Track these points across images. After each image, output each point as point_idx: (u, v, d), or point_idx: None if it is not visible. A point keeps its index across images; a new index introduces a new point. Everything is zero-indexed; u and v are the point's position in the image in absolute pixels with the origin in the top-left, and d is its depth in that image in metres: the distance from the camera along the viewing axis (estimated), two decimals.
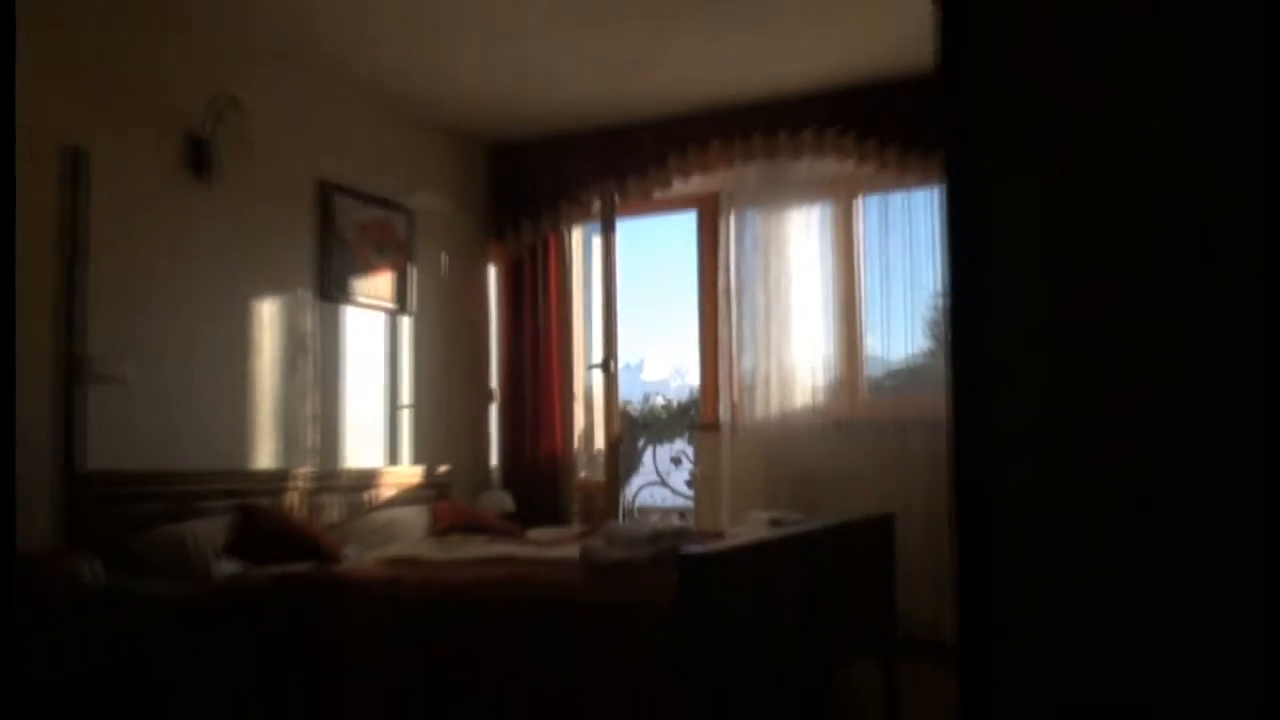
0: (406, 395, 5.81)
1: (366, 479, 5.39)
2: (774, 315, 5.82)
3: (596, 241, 6.26)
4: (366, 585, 3.48)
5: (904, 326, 5.69)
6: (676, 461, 6.72)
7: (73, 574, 3.41)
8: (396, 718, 3.20)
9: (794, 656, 3.45)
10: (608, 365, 6.06)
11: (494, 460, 6.40)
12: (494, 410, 6.43)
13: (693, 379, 6.37)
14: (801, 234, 5.84)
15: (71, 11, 4.05)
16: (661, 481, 6.76)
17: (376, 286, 5.58)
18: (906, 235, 5.61)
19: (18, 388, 3.78)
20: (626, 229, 6.32)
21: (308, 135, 5.18)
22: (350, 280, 5.39)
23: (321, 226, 5.24)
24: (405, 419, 5.80)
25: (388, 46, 4.96)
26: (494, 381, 6.44)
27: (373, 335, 5.59)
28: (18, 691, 3.16)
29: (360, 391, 5.48)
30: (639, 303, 6.53)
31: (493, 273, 6.50)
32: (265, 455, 4.88)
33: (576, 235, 6.45)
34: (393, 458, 5.69)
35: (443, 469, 5.96)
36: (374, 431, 5.58)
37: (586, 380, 6.38)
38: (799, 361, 5.76)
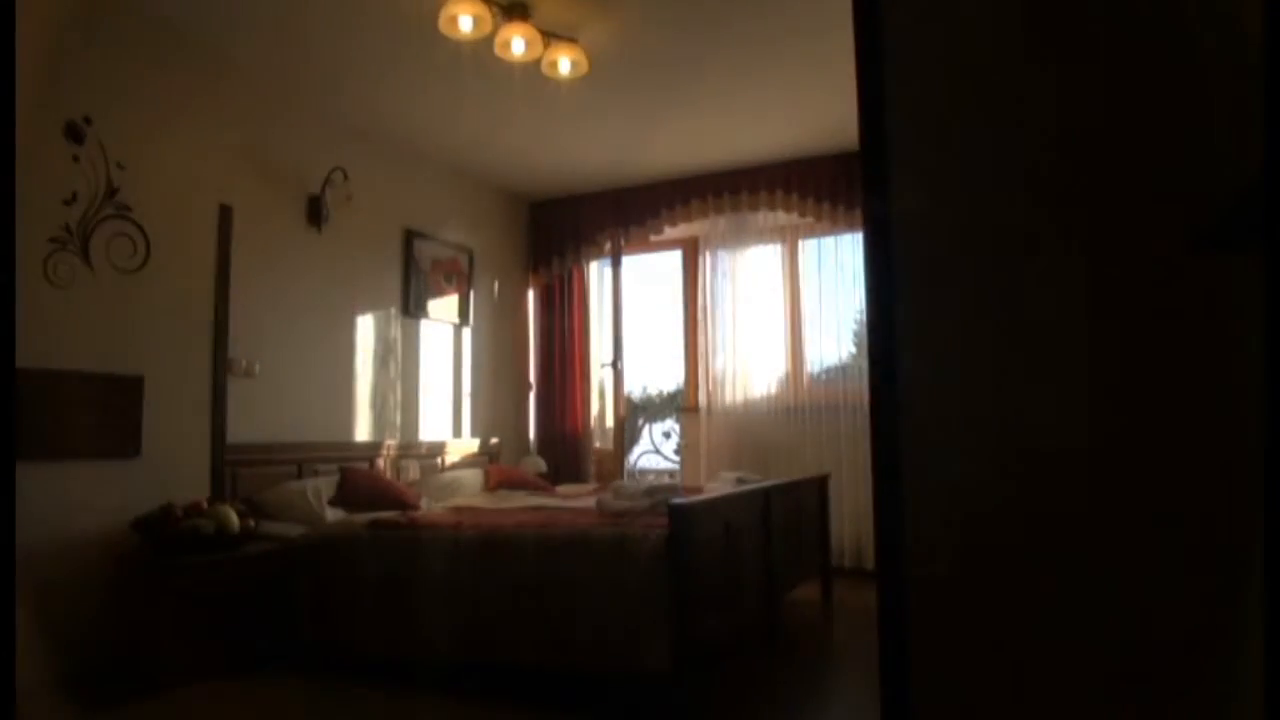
0: (467, 386, 5.83)
1: (437, 448, 5.41)
2: (738, 328, 5.85)
3: (608, 273, 6.27)
4: (438, 526, 3.49)
5: (835, 336, 5.73)
6: (667, 435, 6.74)
7: (225, 517, 3.43)
8: (460, 621, 3.21)
9: (754, 578, 3.48)
10: (615, 364, 6.09)
11: (531, 434, 6.41)
12: (531, 397, 6.44)
13: (678, 374, 6.37)
14: (758, 268, 5.87)
15: (231, 102, 4.08)
16: (656, 450, 6.78)
17: (445, 306, 5.60)
18: (836, 268, 5.64)
19: (187, 385, 3.83)
20: (629, 263, 6.34)
21: (396, 194, 5.20)
22: (426, 301, 5.41)
23: (405, 261, 5.26)
24: (465, 403, 5.82)
25: (457, 130, 4.99)
26: (531, 376, 6.45)
27: (442, 342, 5.61)
28: (185, 599, 3.20)
29: (432, 383, 5.50)
30: (639, 318, 6.51)
31: (531, 296, 6.51)
32: (362, 430, 4.90)
33: (593, 268, 6.46)
34: (456, 432, 5.70)
35: (493, 440, 5.98)
36: (442, 413, 5.60)
37: (599, 375, 6.40)
38: (757, 362, 5.79)
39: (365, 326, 4.95)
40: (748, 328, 5.82)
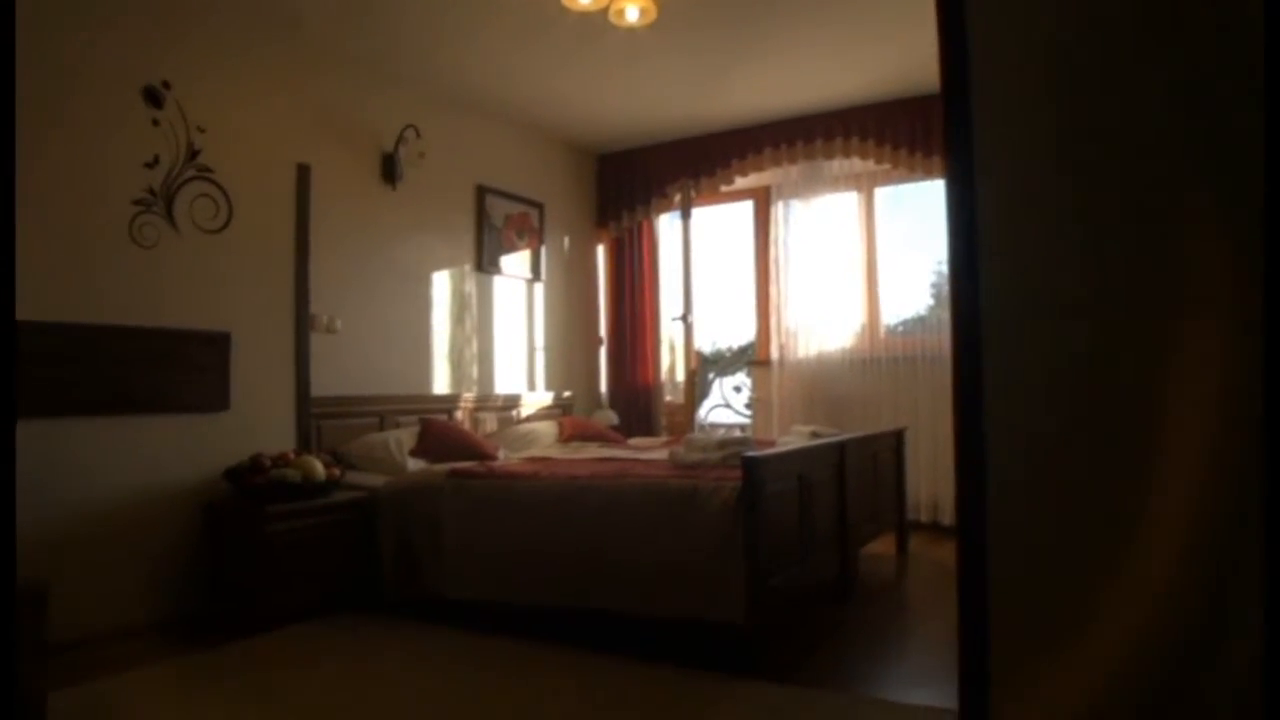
0: (540, 340, 5.90)
1: (512, 401, 5.51)
2: (812, 279, 5.78)
3: (677, 225, 6.24)
4: (515, 476, 3.56)
5: (910, 285, 5.63)
6: (737, 389, 6.72)
7: (311, 467, 3.56)
8: (536, 567, 3.30)
9: (828, 532, 3.48)
10: (685, 318, 6.08)
11: (603, 387, 6.47)
12: (602, 351, 6.49)
13: (749, 327, 6.34)
14: (833, 217, 5.77)
15: (305, 63, 4.15)
16: (726, 404, 6.78)
17: (517, 262, 5.65)
18: (914, 216, 5.52)
19: (272, 341, 3.97)
20: (699, 215, 6.29)
21: (468, 150, 5.24)
22: (499, 257, 5.47)
23: (478, 218, 5.32)
24: (539, 357, 5.90)
25: (526, 83, 4.98)
26: (602, 330, 6.49)
27: (515, 297, 5.68)
28: (274, 544, 3.36)
29: (506, 338, 5.58)
30: (709, 271, 6.48)
31: (600, 250, 6.52)
32: (440, 383, 5.01)
33: (662, 220, 6.44)
34: (530, 385, 5.79)
35: (566, 394, 6.06)
36: (517, 366, 5.69)
37: (669, 329, 6.41)
38: (831, 313, 5.71)
39: (441, 282, 5.04)
40: (822, 279, 5.74)
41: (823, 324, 5.73)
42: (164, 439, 3.50)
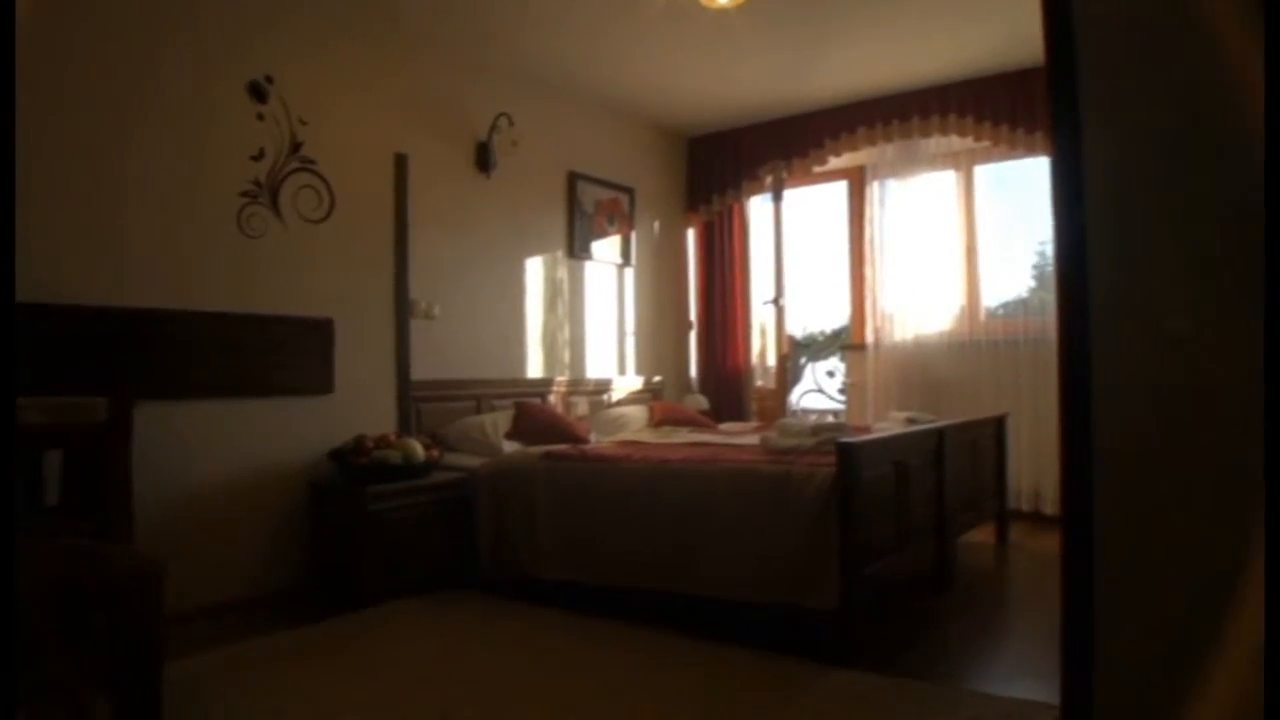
0: (630, 325, 5.94)
1: (603, 385, 5.57)
2: (908, 261, 5.65)
3: (768, 208, 6.18)
4: (607, 459, 3.61)
5: (1012, 267, 5.45)
6: (830, 374, 6.64)
7: (411, 448, 3.69)
8: (628, 549, 3.34)
9: (925, 520, 3.42)
10: (777, 301, 6.03)
11: (693, 372, 6.48)
12: (692, 335, 6.50)
13: (843, 310, 6.25)
14: (930, 197, 5.63)
15: (401, 55, 4.26)
16: (819, 390, 6.70)
17: (608, 247, 5.70)
18: (1014, 196, 5.34)
19: (373, 327, 4.09)
20: (791, 197, 6.21)
21: (559, 137, 5.30)
22: (590, 243, 5.53)
23: (569, 204, 5.38)
24: (629, 342, 5.94)
25: (617, 68, 5.00)
26: (692, 314, 6.50)
27: (606, 282, 5.72)
28: (376, 522, 3.48)
29: (597, 323, 5.64)
30: (801, 254, 6.40)
31: (691, 234, 6.52)
32: (534, 367, 5.10)
33: (753, 203, 6.39)
34: (621, 370, 5.84)
35: (656, 378, 6.09)
36: (608, 351, 5.74)
37: (761, 313, 6.36)
38: (929, 296, 5.58)
39: (534, 268, 5.12)
40: (918, 261, 5.61)
41: (920, 306, 5.61)
42: (272, 421, 3.66)
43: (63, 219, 3.03)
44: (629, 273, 5.91)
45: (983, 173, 5.54)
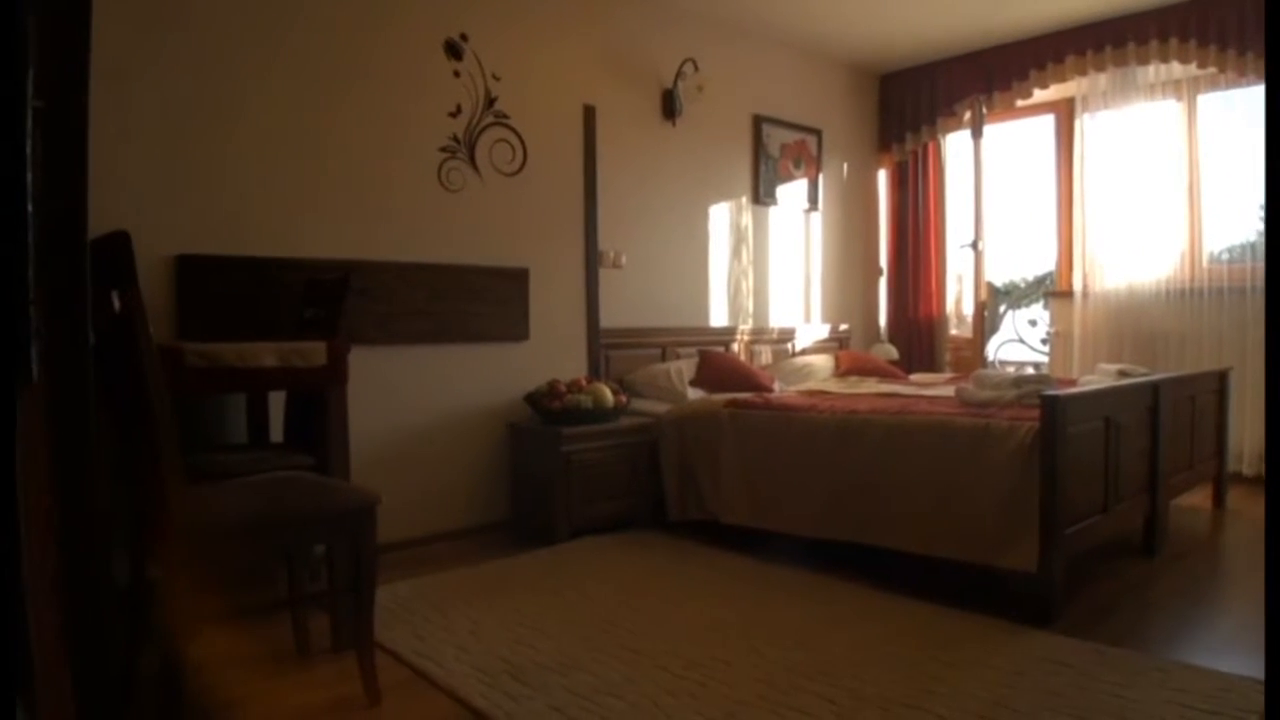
0: (816, 272, 5.89)
1: (787, 334, 5.57)
2: (1122, 201, 5.27)
3: (967, 146, 5.90)
4: (793, 408, 3.65)
5: (1240, 207, 4.97)
6: (1032, 323, 6.33)
7: (601, 394, 3.89)
8: (813, 498, 3.39)
9: (1136, 480, 3.26)
10: (975, 245, 5.78)
11: (882, 320, 6.35)
12: (881, 282, 6.35)
13: (1048, 255, 5.92)
14: (1148, 131, 5.19)
15: (596, 8, 4.38)
16: (1019, 340, 6.40)
17: (793, 192, 5.64)
18: (1245, 127, 4.83)
19: (564, 276, 4.31)
20: (991, 133, 5.90)
21: (744, 80, 5.27)
22: (775, 188, 5.50)
23: (755, 149, 5.36)
24: (815, 289, 5.90)
25: (806, 6, 4.91)
26: (882, 260, 6.34)
27: (791, 228, 5.68)
28: (569, 462, 3.70)
29: (782, 270, 5.62)
30: (1002, 194, 6.10)
31: (881, 176, 6.33)
32: (718, 316, 5.18)
33: (950, 141, 6.12)
34: (806, 318, 5.82)
35: (843, 327, 6.02)
36: (793, 299, 5.72)
37: (957, 258, 6.13)
38: (1145, 239, 5.18)
39: (718, 216, 5.17)
40: (1133, 200, 5.21)
41: (1134, 251, 5.22)
42: (473, 365, 3.95)
43: (287, 181, 3.38)
44: (815, 217, 5.83)
45: (1208, 102, 5.04)
